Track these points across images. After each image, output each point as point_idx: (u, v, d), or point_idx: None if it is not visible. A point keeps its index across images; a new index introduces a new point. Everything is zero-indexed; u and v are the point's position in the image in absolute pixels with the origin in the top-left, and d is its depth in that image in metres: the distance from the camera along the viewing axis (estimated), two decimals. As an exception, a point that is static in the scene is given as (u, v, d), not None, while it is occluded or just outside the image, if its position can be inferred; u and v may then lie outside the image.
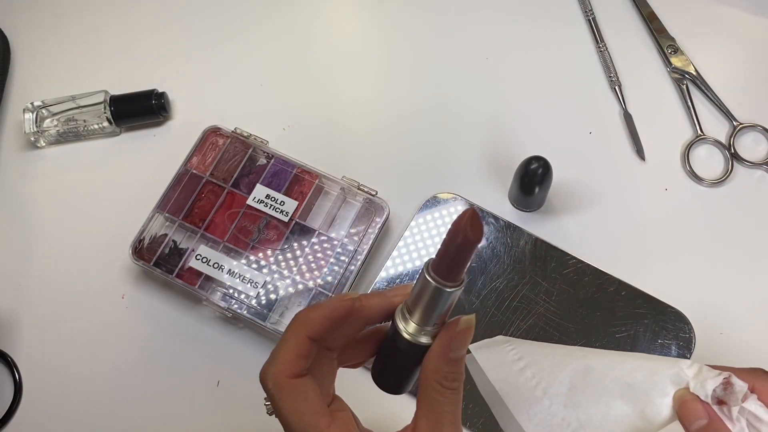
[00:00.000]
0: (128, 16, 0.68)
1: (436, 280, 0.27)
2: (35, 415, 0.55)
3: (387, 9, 0.66)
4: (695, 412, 0.30)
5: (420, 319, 0.29)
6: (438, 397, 0.29)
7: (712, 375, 0.31)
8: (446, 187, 0.57)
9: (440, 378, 0.29)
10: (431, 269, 0.28)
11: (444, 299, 0.28)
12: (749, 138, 0.59)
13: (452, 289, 0.28)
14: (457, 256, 0.27)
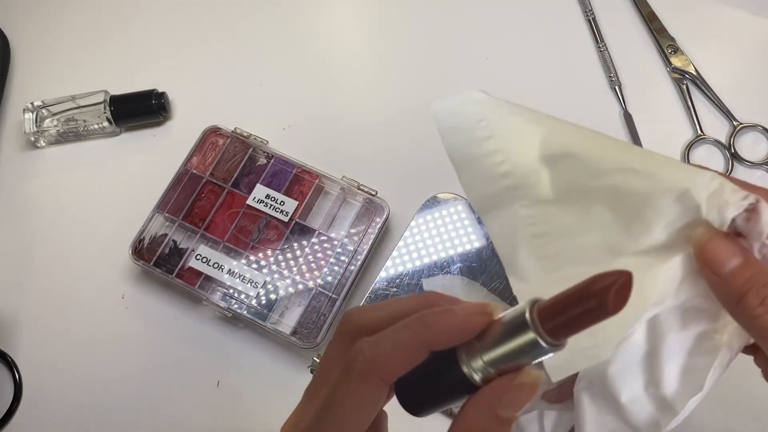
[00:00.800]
0: (128, 16, 0.68)
1: (538, 332, 0.22)
2: (35, 415, 0.55)
3: (387, 9, 0.66)
4: (726, 251, 0.24)
5: (490, 357, 0.23)
6: None
7: (735, 198, 0.24)
8: (446, 187, 0.57)
9: (476, 429, 0.23)
10: (537, 315, 0.22)
11: (533, 354, 0.22)
12: (749, 138, 0.59)
13: (550, 350, 0.22)
14: (580, 320, 0.21)
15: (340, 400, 0.24)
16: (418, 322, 0.24)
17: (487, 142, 0.27)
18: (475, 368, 0.23)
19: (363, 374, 0.24)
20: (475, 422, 0.23)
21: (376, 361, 0.24)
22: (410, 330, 0.24)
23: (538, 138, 0.28)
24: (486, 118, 0.27)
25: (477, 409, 0.23)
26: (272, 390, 0.54)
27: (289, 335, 0.52)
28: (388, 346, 0.24)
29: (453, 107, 0.28)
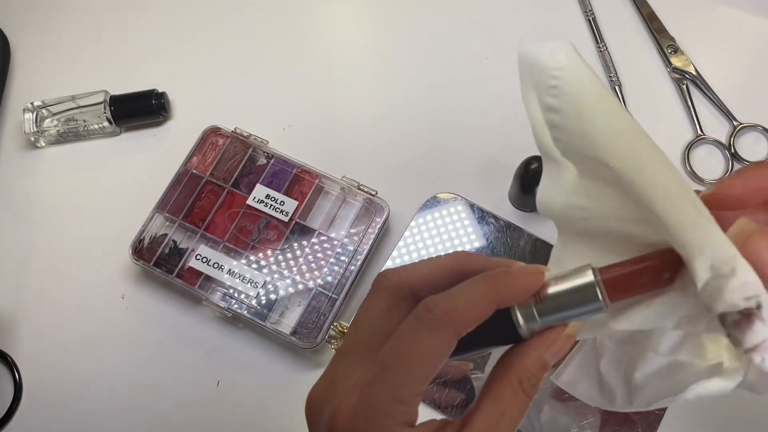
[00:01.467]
0: (128, 16, 0.68)
1: (603, 293, 0.25)
2: (35, 415, 0.55)
3: (387, 9, 0.66)
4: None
5: (547, 312, 0.26)
6: (511, 396, 0.26)
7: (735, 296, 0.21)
8: (446, 187, 0.57)
9: (524, 377, 0.26)
10: (600, 275, 0.25)
11: (587, 313, 0.26)
12: (749, 138, 0.59)
13: (604, 308, 0.25)
14: (637, 288, 0.25)
15: (413, 349, 0.25)
16: (489, 281, 0.26)
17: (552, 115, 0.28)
18: (527, 321, 0.26)
19: (439, 326, 0.25)
20: (524, 367, 0.26)
21: (452, 314, 0.25)
22: (483, 287, 0.26)
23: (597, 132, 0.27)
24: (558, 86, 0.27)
25: (527, 356, 0.26)
26: (272, 390, 0.54)
27: (289, 335, 0.52)
28: (463, 301, 0.25)
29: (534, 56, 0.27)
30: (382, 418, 0.25)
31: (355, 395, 0.25)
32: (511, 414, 0.26)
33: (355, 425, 0.25)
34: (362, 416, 0.25)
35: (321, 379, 0.28)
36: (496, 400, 0.26)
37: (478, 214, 0.55)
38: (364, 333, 0.27)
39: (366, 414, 0.25)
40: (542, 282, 0.26)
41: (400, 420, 0.25)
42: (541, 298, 0.26)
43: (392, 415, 0.25)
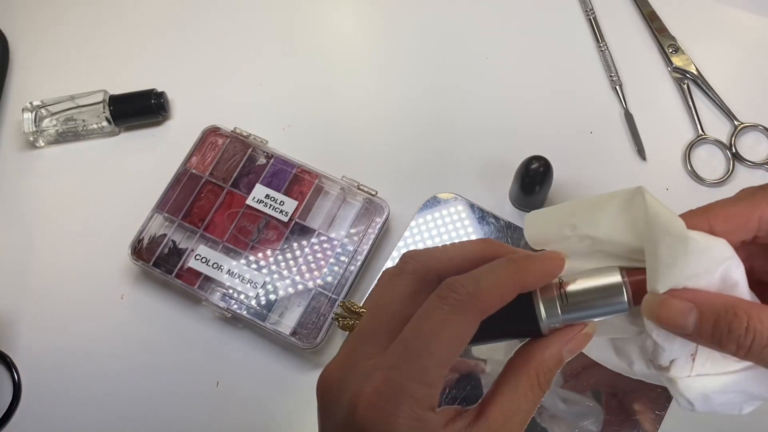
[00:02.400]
0: (127, 15, 0.68)
1: (629, 296, 0.26)
2: (34, 415, 0.55)
3: (387, 9, 0.66)
4: (678, 311, 0.25)
5: (567, 309, 0.27)
6: (527, 390, 0.26)
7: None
8: (446, 187, 0.57)
9: (541, 371, 0.27)
10: (627, 277, 0.26)
11: (611, 312, 0.27)
12: (750, 138, 0.59)
13: (628, 309, 0.26)
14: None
15: (440, 331, 0.25)
16: (513, 264, 0.26)
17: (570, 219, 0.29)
18: (549, 317, 0.27)
19: (465, 306, 0.25)
20: (543, 359, 0.27)
21: (478, 296, 0.25)
22: (507, 270, 0.26)
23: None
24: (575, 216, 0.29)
25: (547, 350, 0.27)
26: (272, 390, 0.54)
27: (288, 336, 0.52)
28: (488, 282, 0.26)
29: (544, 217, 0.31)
30: (407, 400, 0.24)
31: (379, 377, 0.25)
32: (526, 406, 0.26)
33: (379, 408, 0.24)
34: (387, 398, 0.24)
35: (337, 359, 0.27)
36: (512, 391, 0.26)
37: (479, 214, 0.55)
38: (386, 314, 0.27)
39: (391, 396, 0.24)
40: (563, 267, 0.27)
41: (424, 403, 0.25)
42: (566, 295, 0.27)
43: (418, 398, 0.24)
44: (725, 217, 0.27)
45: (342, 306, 0.29)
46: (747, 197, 0.27)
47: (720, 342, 0.24)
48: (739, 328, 0.24)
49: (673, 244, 0.25)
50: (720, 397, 0.28)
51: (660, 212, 0.26)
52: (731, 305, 0.24)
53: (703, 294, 0.25)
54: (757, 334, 0.23)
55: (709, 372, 0.27)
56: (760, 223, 0.26)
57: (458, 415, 0.26)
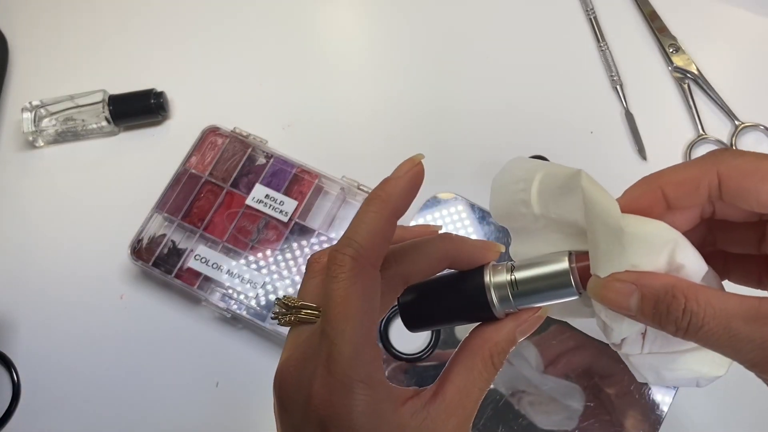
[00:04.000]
0: (127, 15, 0.67)
1: (576, 280, 0.27)
2: (34, 416, 0.55)
3: (387, 8, 0.66)
4: (620, 293, 0.26)
5: (518, 295, 0.28)
6: (482, 369, 0.27)
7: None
8: (446, 187, 0.57)
9: (495, 352, 0.28)
10: (575, 262, 0.27)
11: (560, 295, 0.27)
12: (751, 138, 0.58)
13: (577, 294, 0.27)
14: None
15: (349, 307, 0.25)
16: (377, 202, 0.26)
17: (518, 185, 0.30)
18: (501, 303, 0.28)
19: (355, 272, 0.25)
20: (498, 339, 0.28)
21: (363, 256, 0.25)
22: (374, 211, 0.26)
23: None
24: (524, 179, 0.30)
25: (500, 332, 0.28)
26: (271, 391, 0.53)
27: (288, 336, 0.52)
28: (364, 237, 0.26)
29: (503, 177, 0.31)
30: (357, 386, 0.25)
31: (322, 370, 0.25)
32: (481, 384, 0.27)
33: (332, 401, 0.25)
34: (335, 390, 0.25)
35: (294, 354, 0.28)
36: (468, 371, 0.27)
37: (479, 214, 0.55)
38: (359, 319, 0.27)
39: (338, 386, 0.25)
40: (422, 169, 0.27)
41: (372, 382, 0.25)
42: (517, 283, 0.28)
43: (363, 380, 0.25)
44: (676, 184, 0.27)
45: (278, 303, 0.29)
46: (698, 163, 0.27)
47: (660, 322, 0.25)
48: (677, 309, 0.24)
49: (610, 233, 0.26)
50: (672, 374, 0.28)
51: (596, 199, 0.26)
52: (670, 286, 0.24)
53: (645, 275, 0.25)
54: (693, 315, 0.24)
55: (660, 350, 0.28)
56: (709, 188, 0.26)
57: (415, 394, 0.27)
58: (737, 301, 0.23)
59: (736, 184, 0.25)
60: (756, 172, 0.25)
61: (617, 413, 0.49)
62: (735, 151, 0.27)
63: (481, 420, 0.50)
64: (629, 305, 0.25)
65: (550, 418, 0.49)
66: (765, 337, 0.22)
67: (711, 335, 0.23)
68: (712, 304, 0.23)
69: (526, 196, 0.29)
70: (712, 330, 0.23)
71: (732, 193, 0.26)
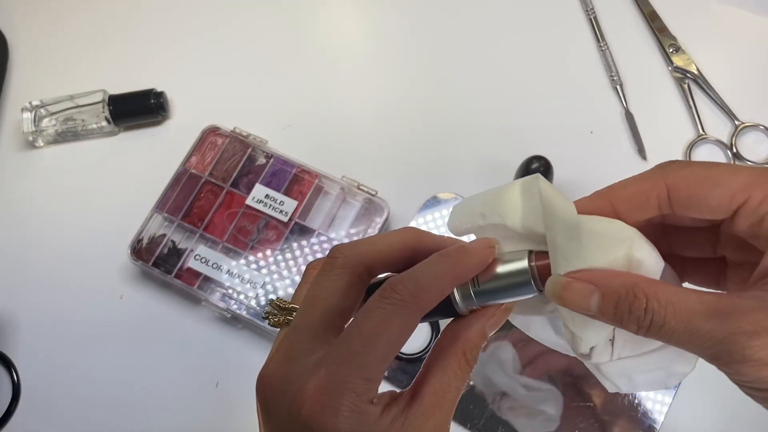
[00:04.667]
0: (127, 15, 0.67)
1: (535, 278, 0.27)
2: (34, 415, 0.55)
3: (387, 8, 0.66)
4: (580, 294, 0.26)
5: (485, 292, 0.28)
6: (456, 368, 0.28)
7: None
8: (446, 187, 0.57)
9: (468, 348, 0.28)
10: (534, 261, 0.27)
11: (520, 293, 0.28)
12: (751, 138, 0.58)
13: (537, 292, 0.27)
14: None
15: (382, 329, 0.26)
16: (450, 261, 0.27)
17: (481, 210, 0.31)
18: (464, 301, 0.28)
19: (406, 306, 0.26)
20: (468, 336, 0.28)
21: (418, 294, 0.26)
22: (444, 267, 0.27)
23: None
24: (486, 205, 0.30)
25: (470, 329, 0.28)
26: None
27: (288, 336, 0.52)
28: (428, 281, 0.27)
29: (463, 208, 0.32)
30: (350, 395, 0.25)
31: (322, 373, 0.25)
32: (456, 383, 0.28)
33: (322, 403, 0.25)
34: (329, 393, 0.25)
35: (277, 357, 0.28)
36: (442, 371, 0.27)
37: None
38: (321, 309, 0.28)
39: (334, 392, 0.25)
40: (494, 255, 0.28)
41: (365, 397, 0.25)
42: (479, 282, 0.28)
43: (360, 393, 0.25)
44: (626, 198, 0.27)
45: (271, 303, 0.29)
46: (646, 176, 0.27)
47: (621, 322, 0.25)
48: (638, 308, 0.24)
49: (567, 231, 0.26)
50: (643, 377, 0.28)
51: (553, 200, 0.27)
52: (631, 285, 0.25)
53: (604, 274, 0.26)
54: (654, 314, 0.24)
55: (630, 354, 0.28)
56: (659, 200, 0.27)
57: (393, 400, 0.27)
58: (696, 298, 0.24)
59: (686, 194, 0.26)
60: (704, 181, 0.26)
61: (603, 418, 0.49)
62: (681, 162, 0.27)
63: (482, 420, 0.50)
64: (589, 305, 0.25)
65: (530, 422, 0.50)
66: (724, 332, 0.23)
67: (672, 332, 0.24)
68: (672, 301, 0.24)
69: (483, 209, 0.29)
70: (674, 327, 0.24)
71: (682, 204, 0.26)
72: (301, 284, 0.30)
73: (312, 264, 0.30)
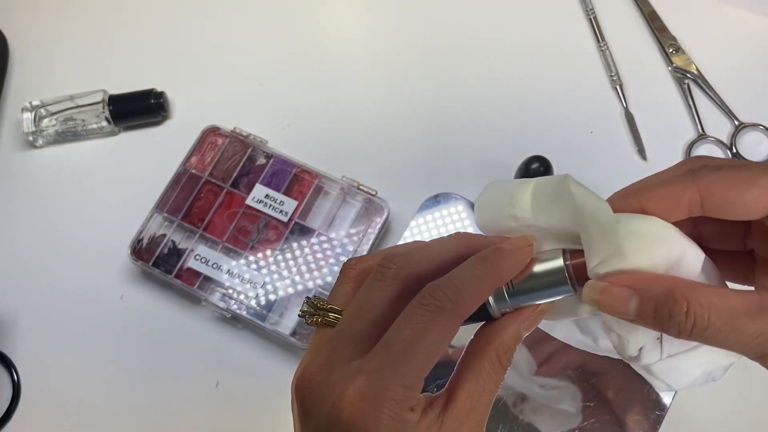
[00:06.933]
0: (127, 15, 0.67)
1: (571, 278, 0.27)
2: (34, 416, 0.55)
3: (387, 8, 0.66)
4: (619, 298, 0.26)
5: (520, 293, 0.28)
6: (490, 371, 0.27)
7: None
8: (446, 187, 0.57)
9: (502, 351, 0.27)
10: (570, 260, 0.27)
11: (556, 293, 0.27)
12: (751, 138, 0.58)
13: (573, 292, 0.27)
14: None
15: (423, 336, 0.26)
16: (489, 265, 0.27)
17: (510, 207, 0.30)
18: (498, 303, 0.28)
19: (446, 313, 0.26)
20: (502, 339, 0.28)
21: (458, 302, 0.26)
22: (483, 271, 0.27)
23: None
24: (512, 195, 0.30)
25: (504, 331, 0.28)
26: (271, 391, 0.54)
27: (288, 336, 0.52)
28: (468, 287, 0.26)
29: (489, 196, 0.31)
30: (390, 403, 0.25)
31: (362, 380, 0.25)
32: (490, 387, 0.27)
33: (362, 411, 0.25)
34: (370, 400, 0.25)
35: (317, 360, 0.28)
36: (476, 375, 0.27)
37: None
38: (368, 319, 0.27)
39: (374, 398, 0.25)
40: (531, 253, 0.28)
41: (405, 405, 0.25)
42: (512, 283, 0.28)
43: (399, 401, 0.25)
44: (656, 200, 0.27)
45: (308, 302, 0.29)
46: (678, 179, 0.27)
47: (662, 326, 0.25)
48: (679, 313, 0.24)
49: (604, 231, 0.26)
50: (693, 372, 0.28)
51: (587, 200, 0.26)
52: (670, 290, 0.24)
53: (642, 278, 0.25)
54: (697, 318, 0.24)
55: (678, 350, 0.28)
56: (690, 205, 0.27)
57: (429, 405, 0.27)
58: (739, 298, 0.23)
59: (720, 199, 0.26)
60: (738, 184, 0.26)
61: (617, 412, 0.49)
62: (712, 165, 0.27)
63: (507, 424, 0.50)
64: (627, 310, 0.25)
65: (554, 420, 0.49)
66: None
67: (717, 334, 0.23)
68: (714, 303, 0.23)
69: (515, 210, 0.29)
70: (719, 329, 0.23)
71: (716, 208, 0.26)
72: (338, 284, 0.30)
73: (350, 263, 0.30)
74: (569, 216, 0.27)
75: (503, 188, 0.30)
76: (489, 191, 0.31)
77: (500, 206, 0.30)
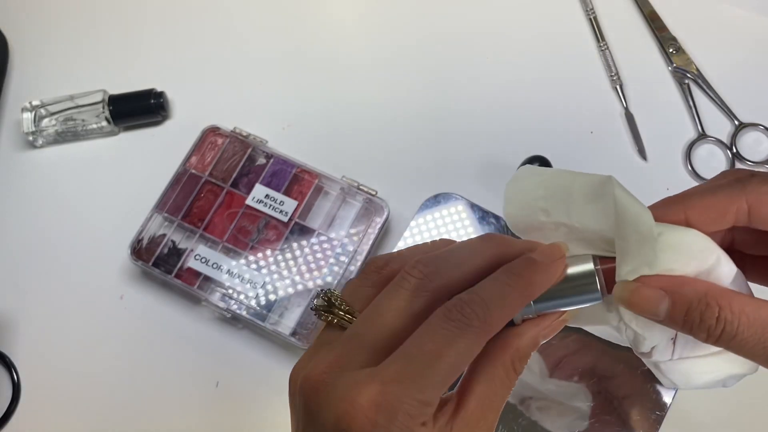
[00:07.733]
0: (127, 15, 0.67)
1: (600, 282, 0.26)
2: (34, 416, 0.55)
3: (387, 8, 0.66)
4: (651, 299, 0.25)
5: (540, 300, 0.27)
6: (503, 376, 0.27)
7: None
8: (446, 187, 0.57)
9: (518, 358, 0.27)
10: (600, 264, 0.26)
11: (584, 299, 0.26)
12: (751, 137, 0.58)
13: (602, 297, 0.26)
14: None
15: (444, 351, 0.25)
16: (522, 282, 0.26)
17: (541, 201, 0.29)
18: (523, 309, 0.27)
19: (472, 330, 0.25)
20: (519, 345, 0.27)
21: (487, 320, 0.25)
22: (516, 289, 0.26)
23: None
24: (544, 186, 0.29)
25: (522, 338, 0.27)
26: (271, 391, 0.54)
27: (288, 336, 0.52)
28: (499, 309, 0.26)
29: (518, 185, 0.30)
30: (403, 417, 0.24)
31: (376, 389, 0.24)
32: (502, 392, 0.27)
33: (374, 422, 0.24)
34: (383, 413, 0.24)
35: (326, 360, 0.26)
36: (489, 379, 0.27)
37: (479, 214, 0.55)
38: (388, 327, 0.26)
39: (388, 411, 0.24)
40: (562, 267, 0.27)
41: (418, 420, 0.24)
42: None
43: (415, 416, 0.24)
44: (702, 209, 0.27)
45: (323, 296, 0.27)
46: (725, 188, 0.27)
47: (691, 329, 0.25)
48: (710, 318, 0.24)
49: (642, 241, 0.25)
50: (702, 377, 0.28)
51: (628, 207, 0.26)
52: (703, 294, 0.24)
53: (675, 280, 0.25)
54: (727, 324, 0.24)
55: (690, 354, 0.28)
56: (737, 215, 0.26)
57: (439, 410, 0.26)
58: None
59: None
60: None
61: (618, 413, 0.49)
62: (761, 177, 0.27)
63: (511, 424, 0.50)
64: (658, 311, 0.25)
65: (561, 421, 0.49)
66: None
67: (745, 343, 0.23)
68: (746, 312, 0.23)
69: (546, 204, 0.28)
70: (747, 338, 0.23)
71: (764, 220, 0.26)
72: (358, 285, 0.28)
73: (376, 264, 0.29)
74: (606, 219, 0.26)
75: (538, 178, 0.29)
76: (521, 179, 0.29)
77: (532, 198, 0.28)
